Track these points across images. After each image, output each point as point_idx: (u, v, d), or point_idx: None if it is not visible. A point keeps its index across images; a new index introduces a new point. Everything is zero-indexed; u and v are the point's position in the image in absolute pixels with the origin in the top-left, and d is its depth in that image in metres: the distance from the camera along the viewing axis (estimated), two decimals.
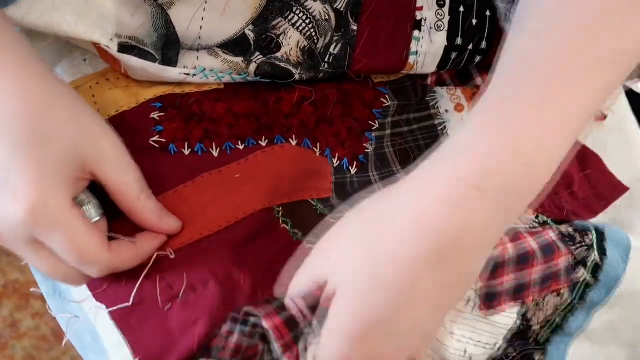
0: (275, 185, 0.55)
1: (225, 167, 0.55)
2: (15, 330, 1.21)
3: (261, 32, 0.56)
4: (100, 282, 0.52)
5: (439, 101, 0.64)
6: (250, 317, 0.48)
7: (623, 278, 0.59)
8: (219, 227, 0.53)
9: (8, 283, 1.26)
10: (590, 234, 0.58)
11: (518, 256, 0.54)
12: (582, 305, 0.58)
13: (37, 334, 1.21)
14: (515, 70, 0.47)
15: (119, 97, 0.56)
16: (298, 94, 0.58)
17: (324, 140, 0.58)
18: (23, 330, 1.22)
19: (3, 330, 1.21)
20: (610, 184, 0.66)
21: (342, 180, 0.59)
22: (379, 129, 0.61)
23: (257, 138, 0.56)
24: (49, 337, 1.21)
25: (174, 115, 0.56)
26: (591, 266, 0.57)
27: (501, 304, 0.55)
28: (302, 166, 0.57)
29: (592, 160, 0.67)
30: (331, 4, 0.58)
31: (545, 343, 0.59)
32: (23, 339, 1.21)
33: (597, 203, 0.65)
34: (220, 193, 0.54)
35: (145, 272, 0.51)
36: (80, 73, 0.58)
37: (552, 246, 0.56)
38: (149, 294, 0.51)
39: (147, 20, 0.55)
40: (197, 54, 0.56)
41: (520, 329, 0.56)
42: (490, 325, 0.55)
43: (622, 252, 0.59)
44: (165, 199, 0.54)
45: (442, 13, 0.61)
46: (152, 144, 0.55)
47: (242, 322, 0.47)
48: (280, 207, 0.55)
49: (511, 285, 0.54)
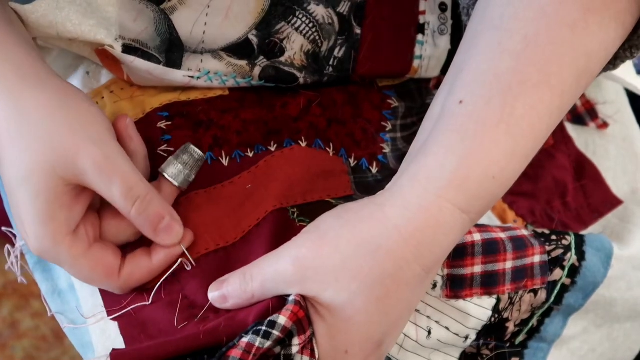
0: (286, 186, 0.55)
1: (237, 177, 0.55)
2: (15, 331, 1.21)
3: (264, 37, 0.56)
4: (117, 300, 0.52)
5: None
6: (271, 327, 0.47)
7: (601, 284, 0.59)
8: (234, 239, 0.53)
9: (8, 283, 1.25)
10: (569, 237, 0.58)
11: (485, 244, 0.54)
12: (558, 308, 0.58)
13: (36, 334, 1.21)
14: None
15: (125, 109, 0.56)
16: (304, 97, 0.58)
17: (337, 140, 0.58)
18: (23, 330, 1.21)
19: (3, 330, 1.20)
20: (604, 196, 0.66)
21: (364, 180, 0.58)
22: (391, 130, 0.61)
23: (266, 144, 0.56)
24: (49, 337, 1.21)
25: (182, 124, 0.56)
26: (568, 268, 0.57)
27: (469, 292, 0.54)
28: (314, 167, 0.56)
29: (589, 171, 0.67)
30: (334, 8, 0.57)
31: (521, 346, 0.58)
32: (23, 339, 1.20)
33: (589, 214, 0.65)
34: (233, 205, 0.54)
35: (159, 283, 0.51)
36: (85, 88, 0.57)
37: (523, 240, 0.55)
38: (165, 312, 0.51)
39: (149, 25, 0.54)
40: (201, 56, 0.56)
41: (493, 324, 0.56)
42: (460, 313, 0.54)
43: (604, 259, 0.58)
44: (178, 205, 0.53)
45: (445, 17, 0.61)
46: (161, 154, 0.54)
47: (264, 333, 0.46)
48: (295, 208, 0.55)
49: (480, 274, 0.54)
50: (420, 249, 0.46)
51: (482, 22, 0.49)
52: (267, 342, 0.46)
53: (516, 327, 0.57)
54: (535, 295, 0.56)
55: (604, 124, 0.69)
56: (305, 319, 0.47)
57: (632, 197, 0.67)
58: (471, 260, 0.54)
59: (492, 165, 0.46)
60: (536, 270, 0.56)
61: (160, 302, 0.51)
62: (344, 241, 0.47)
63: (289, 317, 0.46)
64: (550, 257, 0.56)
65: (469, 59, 0.49)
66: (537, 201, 0.63)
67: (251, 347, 0.46)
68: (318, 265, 0.47)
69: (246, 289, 0.49)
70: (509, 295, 0.55)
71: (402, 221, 0.46)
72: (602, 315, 0.60)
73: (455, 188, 0.46)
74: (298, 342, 0.47)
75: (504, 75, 0.47)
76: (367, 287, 0.46)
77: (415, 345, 0.54)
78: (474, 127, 0.46)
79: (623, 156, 0.69)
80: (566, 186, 0.65)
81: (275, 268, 0.48)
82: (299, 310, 0.47)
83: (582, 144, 0.68)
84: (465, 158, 0.46)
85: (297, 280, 0.47)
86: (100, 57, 0.56)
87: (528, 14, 0.47)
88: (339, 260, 0.46)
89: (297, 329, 0.47)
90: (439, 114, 0.49)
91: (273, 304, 0.48)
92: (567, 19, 0.47)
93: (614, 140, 0.69)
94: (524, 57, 0.47)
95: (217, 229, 0.53)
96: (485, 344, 0.57)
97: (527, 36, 0.47)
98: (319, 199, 0.56)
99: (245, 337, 0.46)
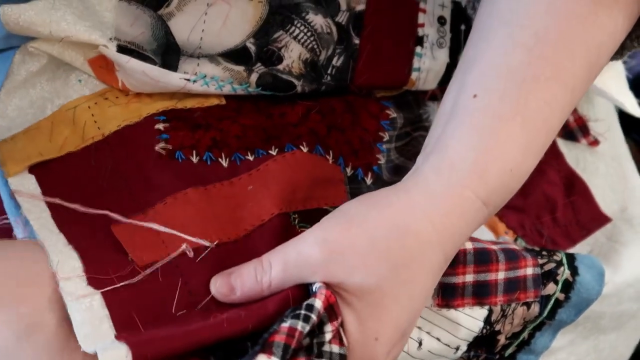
0: (289, 191, 0.54)
1: (237, 179, 0.54)
2: None
3: (262, 45, 0.56)
4: (102, 268, 0.48)
5: (431, 115, 0.64)
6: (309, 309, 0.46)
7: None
8: (236, 236, 0.52)
9: None
10: (559, 253, 0.58)
11: (477, 253, 0.54)
12: (550, 323, 0.58)
13: None
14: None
15: (120, 113, 0.55)
16: (302, 107, 0.58)
17: (336, 148, 0.58)
18: None
19: None
20: (593, 214, 0.67)
21: (358, 191, 0.58)
22: (388, 140, 0.61)
23: (266, 148, 0.55)
24: None
25: (180, 126, 0.55)
26: (562, 282, 0.57)
27: (461, 302, 0.54)
28: (314, 173, 0.56)
29: (578, 187, 0.67)
30: (332, 18, 0.57)
31: (509, 357, 0.59)
32: None
33: (578, 231, 0.65)
34: (233, 204, 0.53)
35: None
36: (76, 94, 0.56)
37: (515, 252, 0.56)
38: (160, 295, 0.49)
39: (146, 30, 0.54)
40: (197, 60, 0.56)
41: (484, 335, 0.56)
42: (451, 323, 0.54)
43: (597, 277, 0.59)
44: (176, 199, 0.51)
45: (444, 30, 0.61)
46: (159, 152, 0.53)
47: (304, 317, 0.45)
48: (295, 213, 0.54)
49: (471, 283, 0.54)
50: (445, 234, 0.47)
51: (491, 16, 0.50)
52: (307, 325, 0.45)
53: (507, 340, 0.58)
54: (528, 308, 0.56)
55: (595, 141, 0.70)
56: (337, 304, 0.46)
57: (620, 216, 0.68)
58: (463, 268, 0.54)
59: (509, 159, 0.47)
60: (529, 283, 0.56)
61: (157, 283, 0.49)
62: (372, 224, 0.46)
63: (322, 301, 0.45)
64: (543, 271, 0.56)
65: (479, 53, 0.49)
66: (527, 215, 0.64)
67: (294, 331, 0.44)
68: (346, 248, 0.46)
69: (263, 278, 0.47)
70: (501, 307, 0.55)
71: (429, 207, 0.47)
72: (589, 327, 0.61)
73: (477, 180, 0.47)
74: (331, 329, 0.46)
75: (516, 70, 0.47)
76: (395, 270, 0.46)
77: (406, 356, 0.54)
78: (490, 122, 0.47)
79: (612, 175, 0.70)
80: (556, 202, 0.65)
81: (298, 251, 0.47)
82: (330, 295, 0.46)
83: (573, 160, 0.69)
84: (483, 152, 0.47)
85: (323, 264, 0.46)
86: (93, 67, 0.55)
87: (538, 8, 0.47)
88: (368, 243, 0.46)
89: (329, 315, 0.46)
90: (452, 108, 0.49)
91: (293, 294, 0.47)
92: (577, 12, 0.47)
93: (604, 158, 0.70)
94: (536, 52, 0.47)
95: (218, 225, 0.51)
96: (475, 355, 0.57)
97: (538, 31, 0.47)
98: (317, 206, 0.55)
99: (285, 322, 0.44)
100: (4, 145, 0.54)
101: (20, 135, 0.54)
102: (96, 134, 0.54)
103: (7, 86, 0.55)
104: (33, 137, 0.54)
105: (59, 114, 0.54)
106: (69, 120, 0.54)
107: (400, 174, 0.56)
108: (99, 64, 0.54)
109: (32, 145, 0.54)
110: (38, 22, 0.52)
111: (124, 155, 0.53)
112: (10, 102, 0.55)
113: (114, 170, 0.53)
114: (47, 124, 0.54)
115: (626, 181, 0.70)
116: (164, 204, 0.51)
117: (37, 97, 0.55)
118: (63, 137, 0.54)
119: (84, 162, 0.53)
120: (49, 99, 0.55)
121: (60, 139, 0.54)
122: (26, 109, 0.55)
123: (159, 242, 0.50)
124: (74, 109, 0.54)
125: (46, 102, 0.55)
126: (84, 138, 0.54)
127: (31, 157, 0.53)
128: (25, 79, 0.55)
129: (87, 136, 0.54)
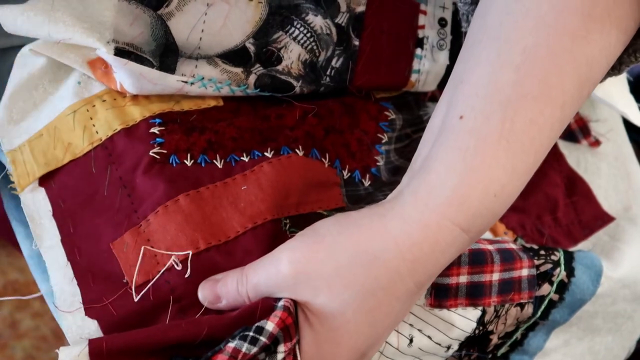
0: (283, 196, 0.54)
1: (231, 179, 0.54)
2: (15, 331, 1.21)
3: (262, 46, 0.57)
4: (97, 296, 0.51)
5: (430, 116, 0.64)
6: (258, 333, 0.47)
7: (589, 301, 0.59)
8: (227, 237, 0.52)
9: (8, 283, 1.26)
10: (557, 252, 0.58)
11: (472, 254, 0.54)
12: (544, 323, 0.58)
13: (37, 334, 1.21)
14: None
15: (117, 116, 0.55)
16: (300, 109, 0.58)
17: (333, 151, 0.58)
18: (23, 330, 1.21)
19: (3, 330, 1.21)
20: (595, 213, 0.66)
21: (355, 193, 0.58)
22: (387, 142, 0.61)
23: (262, 150, 0.55)
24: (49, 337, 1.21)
25: (175, 129, 0.55)
26: (557, 283, 0.57)
27: (454, 302, 0.54)
28: (309, 177, 0.56)
29: (580, 187, 0.67)
30: (332, 19, 0.58)
31: (502, 358, 0.59)
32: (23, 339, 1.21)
33: (580, 231, 0.65)
34: (225, 204, 0.53)
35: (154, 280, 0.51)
36: (76, 97, 0.56)
37: (511, 253, 0.55)
38: (153, 315, 0.50)
39: (145, 29, 0.54)
40: (195, 62, 0.56)
41: (477, 335, 0.56)
42: (444, 323, 0.54)
43: (593, 276, 0.58)
44: (167, 208, 0.52)
45: (444, 32, 0.61)
46: (153, 156, 0.54)
47: (251, 339, 0.46)
48: (287, 219, 0.54)
49: (465, 284, 0.54)
50: (416, 265, 0.46)
51: (480, 31, 0.49)
52: (253, 348, 0.46)
53: (500, 340, 0.57)
54: (521, 309, 0.56)
55: (596, 142, 0.69)
56: (292, 326, 0.47)
57: (624, 215, 0.67)
58: (457, 269, 0.54)
59: (493, 183, 0.46)
60: (524, 284, 0.56)
61: (149, 303, 0.50)
62: (340, 248, 0.46)
63: (276, 323, 0.46)
64: (538, 272, 0.56)
65: (468, 70, 0.48)
66: (528, 216, 0.63)
67: (237, 353, 0.45)
68: (312, 270, 0.47)
69: (241, 289, 0.48)
70: (494, 307, 0.55)
71: (401, 235, 0.46)
72: (583, 327, 0.61)
73: (456, 206, 0.46)
74: (284, 350, 0.47)
75: (503, 89, 0.46)
76: (359, 297, 0.46)
77: (396, 352, 0.54)
78: (474, 144, 0.46)
79: (614, 175, 0.69)
80: (557, 202, 0.65)
81: (268, 270, 0.48)
82: (287, 317, 0.47)
83: (574, 161, 0.68)
84: (466, 176, 0.46)
85: (290, 284, 0.47)
86: (92, 69, 0.56)
87: (527, 23, 0.47)
88: (334, 267, 0.46)
89: (284, 335, 0.47)
90: (440, 128, 0.49)
91: (262, 306, 0.48)
92: (567, 28, 0.46)
93: (606, 158, 0.69)
94: (524, 70, 0.46)
95: (209, 227, 0.52)
96: (467, 354, 0.57)
97: (526, 47, 0.46)
98: (311, 210, 0.56)
99: (231, 342, 0.46)
100: (15, 155, 0.55)
101: (25, 144, 0.55)
102: (95, 140, 0.54)
103: (10, 90, 0.56)
104: (38, 145, 0.55)
105: (59, 119, 0.55)
106: (69, 126, 0.55)
107: (400, 174, 0.56)
108: (98, 65, 0.55)
109: (39, 154, 0.55)
110: (37, 23, 0.52)
111: (120, 161, 0.54)
112: (14, 105, 0.56)
113: (112, 177, 0.54)
114: (50, 130, 0.55)
115: (630, 181, 0.70)
116: (155, 213, 0.52)
117: (40, 99, 0.56)
118: (65, 145, 0.55)
119: (85, 170, 0.54)
120: (51, 100, 0.56)
121: (62, 147, 0.55)
122: (30, 111, 0.56)
123: (151, 256, 0.51)
124: (74, 113, 0.55)
125: (48, 104, 0.56)
126: (84, 144, 0.54)
127: (39, 168, 0.54)
128: (27, 80, 0.56)
129: (86, 142, 0.55)
